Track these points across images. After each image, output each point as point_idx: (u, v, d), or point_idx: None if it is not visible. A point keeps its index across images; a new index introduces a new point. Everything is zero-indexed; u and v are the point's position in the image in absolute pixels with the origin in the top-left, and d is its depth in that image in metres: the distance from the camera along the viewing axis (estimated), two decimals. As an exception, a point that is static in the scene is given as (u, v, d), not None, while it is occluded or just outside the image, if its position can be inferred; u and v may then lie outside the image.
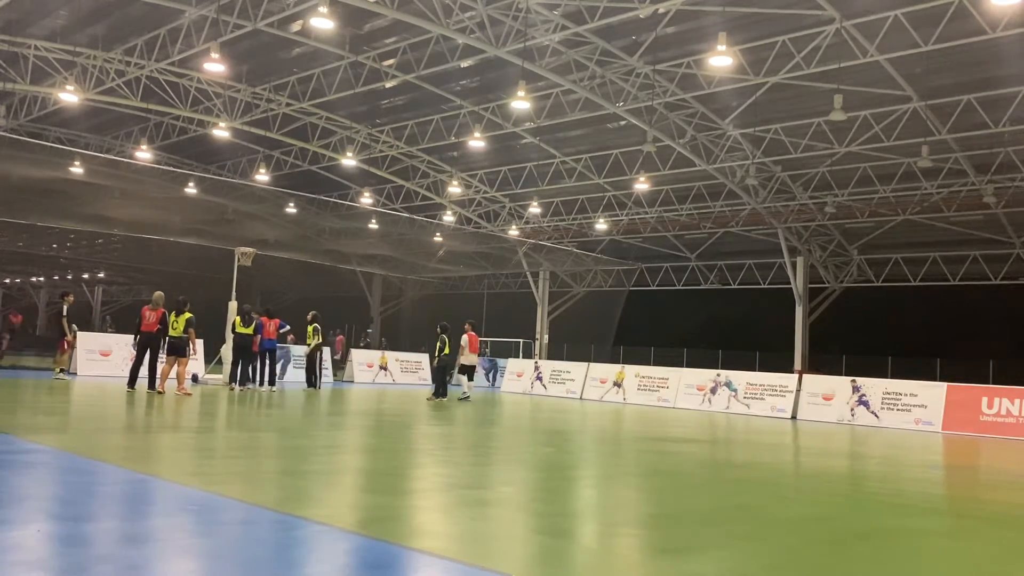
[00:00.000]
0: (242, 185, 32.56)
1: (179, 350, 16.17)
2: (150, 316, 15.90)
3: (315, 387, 21.40)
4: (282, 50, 23.84)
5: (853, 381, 20.92)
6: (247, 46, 22.98)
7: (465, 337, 20.36)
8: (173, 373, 16.14)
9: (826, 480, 9.72)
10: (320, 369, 21.98)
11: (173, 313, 16.20)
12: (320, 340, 21.66)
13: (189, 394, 15.87)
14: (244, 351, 19.13)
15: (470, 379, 20.91)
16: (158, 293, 16.42)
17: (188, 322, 16.19)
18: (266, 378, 19.86)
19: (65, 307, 19.10)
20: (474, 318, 22.22)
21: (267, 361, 19.87)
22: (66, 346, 19.35)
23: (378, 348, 22.71)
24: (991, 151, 22.86)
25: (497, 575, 4.44)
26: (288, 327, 20.67)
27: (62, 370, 19.13)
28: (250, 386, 19.24)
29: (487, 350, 34.22)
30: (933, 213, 26.43)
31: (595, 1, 18.28)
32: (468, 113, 26.28)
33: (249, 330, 19.07)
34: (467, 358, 20.57)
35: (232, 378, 19.36)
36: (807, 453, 13.29)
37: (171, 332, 16.07)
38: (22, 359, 27.18)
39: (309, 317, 21.64)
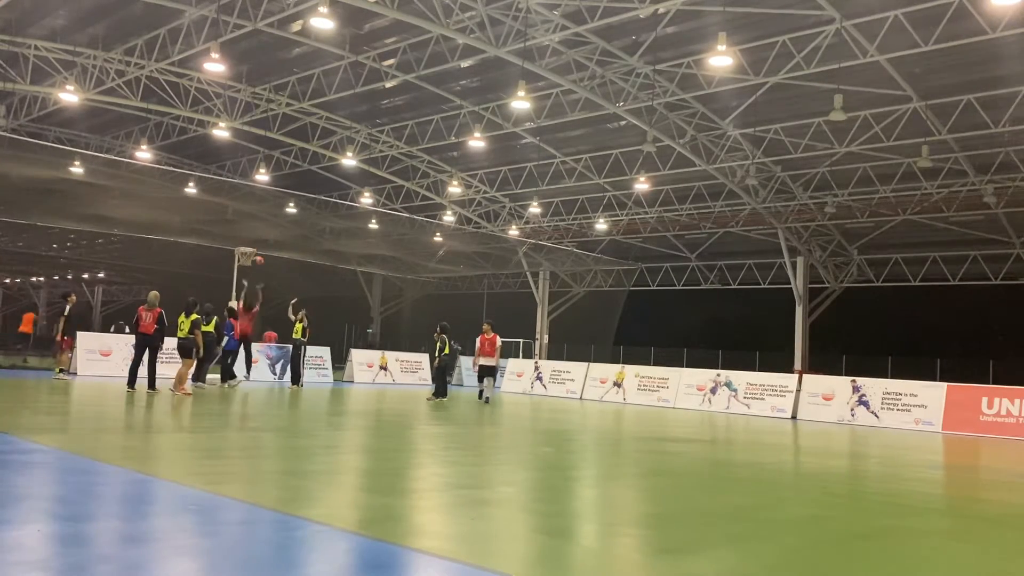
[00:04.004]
0: (242, 185, 32.56)
1: (186, 351, 16.29)
2: (147, 316, 15.94)
3: (299, 384, 21.48)
4: (282, 50, 23.83)
5: (853, 381, 20.91)
6: (247, 46, 22.97)
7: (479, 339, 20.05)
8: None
9: (826, 480, 9.72)
10: (302, 366, 22.04)
11: (183, 314, 16.30)
12: (306, 337, 21.75)
13: (189, 394, 15.88)
14: (207, 349, 18.96)
15: (481, 381, 20.29)
16: (154, 293, 16.45)
17: (194, 323, 16.30)
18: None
19: (68, 307, 19.16)
20: (474, 318, 21.93)
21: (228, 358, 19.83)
22: (64, 346, 19.38)
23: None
24: (991, 151, 22.86)
25: (497, 575, 4.44)
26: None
27: (62, 370, 19.14)
28: (200, 384, 18.58)
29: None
30: (933, 213, 26.41)
31: (595, 1, 18.27)
32: (468, 113, 26.26)
33: (210, 327, 18.75)
34: (483, 359, 20.01)
35: (224, 378, 19.25)
36: (807, 453, 13.28)
37: (179, 333, 16.22)
38: (22, 359, 27.17)
39: (300, 315, 21.71)
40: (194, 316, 16.30)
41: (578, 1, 18.51)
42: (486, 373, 20.21)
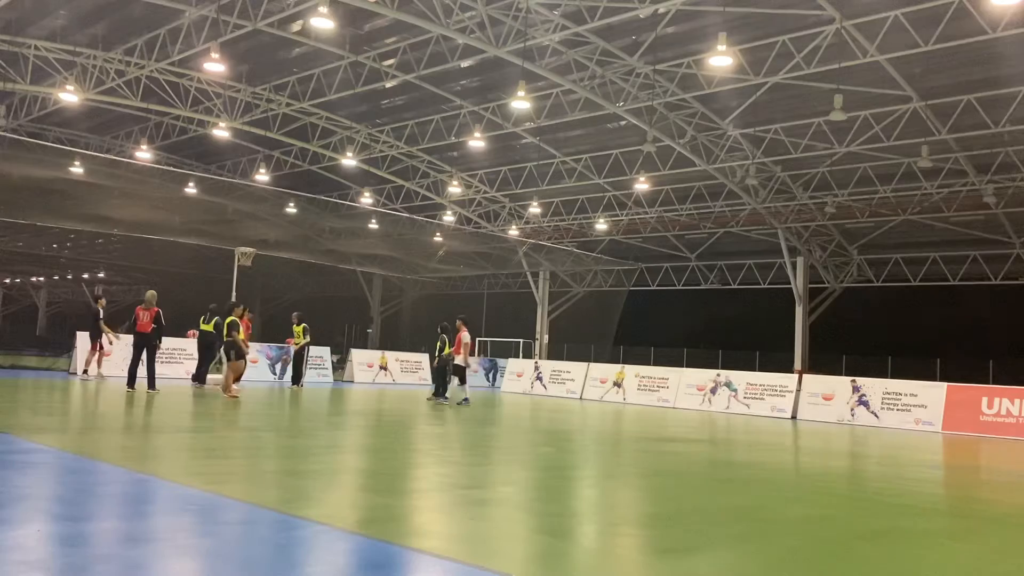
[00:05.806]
0: (242, 185, 32.54)
1: (226, 354, 16.69)
2: (144, 316, 16.00)
3: (299, 384, 21.46)
4: (282, 50, 23.82)
5: (853, 381, 20.91)
6: (247, 46, 22.96)
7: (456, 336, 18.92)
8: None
9: (826, 480, 9.72)
10: (305, 367, 22.04)
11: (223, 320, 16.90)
12: (308, 339, 21.68)
13: (236, 396, 15.93)
14: (207, 348, 18.89)
15: (461, 381, 18.89)
16: (151, 292, 16.52)
17: (230, 326, 16.61)
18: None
19: (100, 310, 19.24)
20: (474, 318, 21.32)
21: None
22: (94, 349, 19.24)
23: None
24: (991, 151, 22.83)
25: (497, 575, 4.44)
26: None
27: (85, 371, 19.06)
28: (199, 385, 18.55)
29: (486, 350, 34.13)
30: (933, 213, 26.41)
31: (595, 1, 18.27)
32: (468, 113, 26.26)
33: (209, 327, 18.68)
34: (458, 358, 18.88)
35: (198, 377, 18.82)
36: (807, 453, 13.29)
37: (224, 338, 16.67)
38: (22, 359, 27.19)
39: (296, 317, 21.66)
40: (230, 319, 16.56)
41: (578, 1, 18.50)
42: (454, 373, 18.96)
